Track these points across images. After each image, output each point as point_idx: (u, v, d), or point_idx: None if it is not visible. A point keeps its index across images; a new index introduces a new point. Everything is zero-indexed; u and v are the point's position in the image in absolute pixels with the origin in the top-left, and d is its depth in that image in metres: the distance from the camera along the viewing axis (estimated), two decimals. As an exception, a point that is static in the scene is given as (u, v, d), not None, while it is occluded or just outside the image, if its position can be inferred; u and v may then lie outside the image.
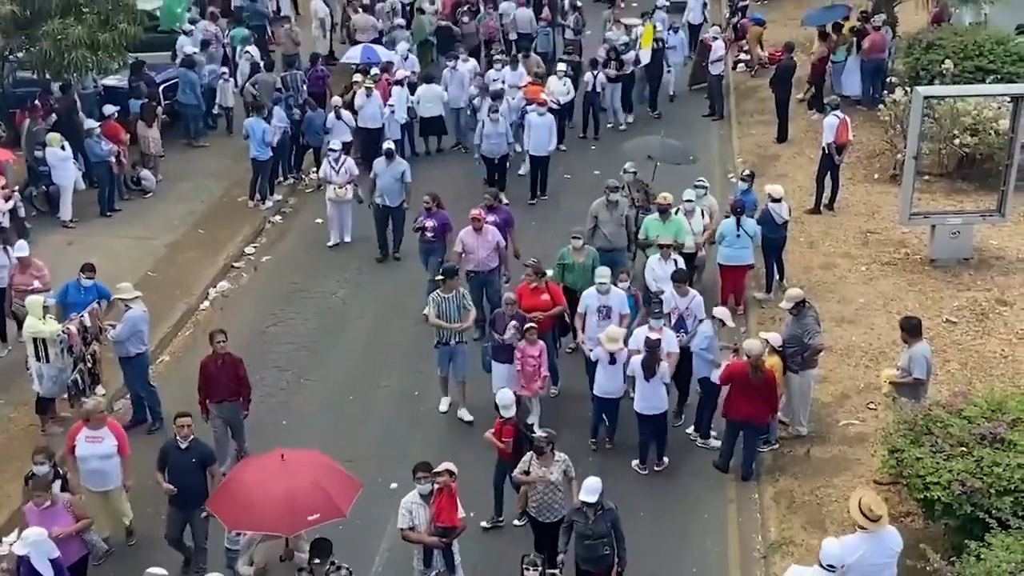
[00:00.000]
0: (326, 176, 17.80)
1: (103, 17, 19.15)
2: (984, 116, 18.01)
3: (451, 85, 21.43)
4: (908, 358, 11.58)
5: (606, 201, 15.06)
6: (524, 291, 13.41)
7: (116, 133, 19.38)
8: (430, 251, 15.69)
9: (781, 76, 21.45)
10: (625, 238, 15.20)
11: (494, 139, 18.85)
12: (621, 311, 13.08)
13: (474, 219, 14.61)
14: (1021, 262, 16.26)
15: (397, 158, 17.30)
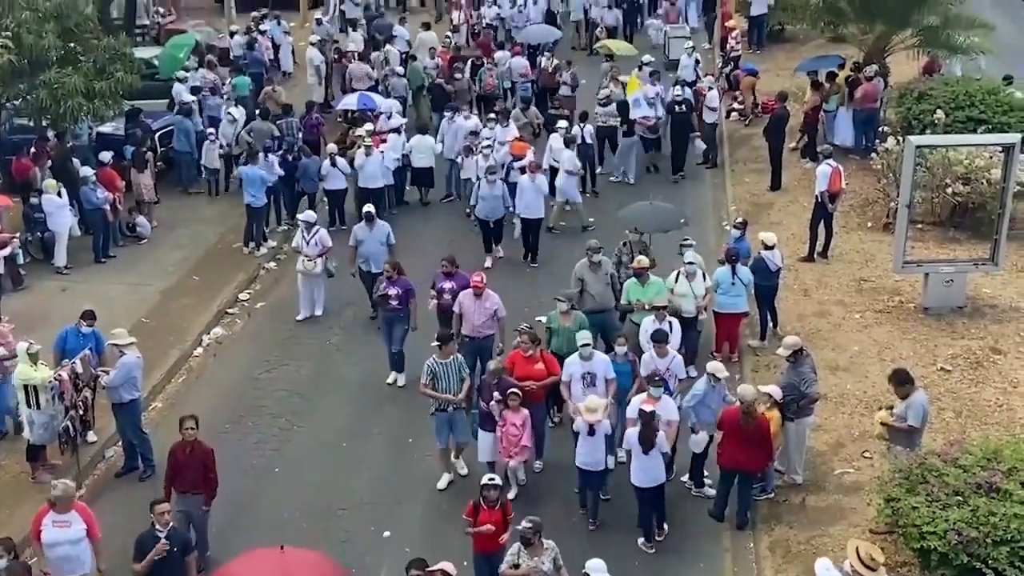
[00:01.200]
0: (297, 246, 17.01)
1: (100, 66, 19.29)
2: (976, 166, 18.12)
3: (447, 136, 21.40)
4: (905, 407, 11.56)
5: (589, 263, 14.85)
6: (517, 359, 12.97)
7: (112, 180, 19.46)
8: (394, 319, 15.01)
9: (775, 125, 21.60)
10: (612, 298, 14.92)
11: (490, 201, 18.43)
12: (607, 377, 12.63)
13: (475, 285, 14.22)
14: (1015, 311, 16.29)
15: (378, 221, 16.72)
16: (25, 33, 18.31)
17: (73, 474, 13.02)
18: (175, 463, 11.48)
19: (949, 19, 23.56)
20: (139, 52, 22.66)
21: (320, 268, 16.93)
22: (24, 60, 18.52)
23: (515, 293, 16.63)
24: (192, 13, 35.21)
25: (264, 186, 19.30)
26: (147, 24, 30.95)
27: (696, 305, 14.72)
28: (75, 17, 19.25)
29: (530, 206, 18.60)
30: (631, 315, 14.65)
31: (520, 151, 19.89)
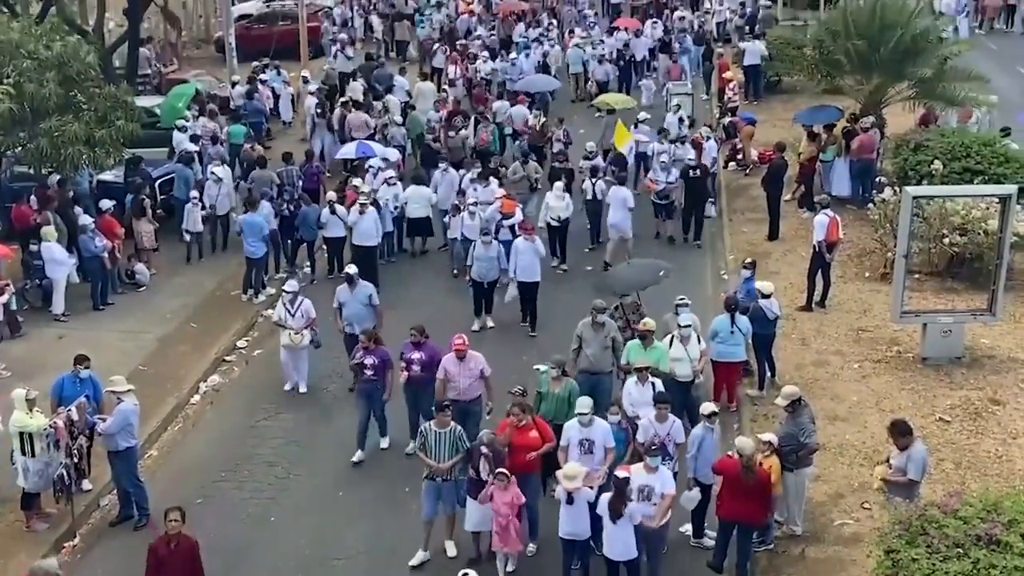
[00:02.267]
0: (280, 319, 16.15)
1: (101, 114, 19.39)
2: (973, 216, 18.19)
3: (441, 186, 21.40)
4: (906, 458, 11.50)
5: (592, 322, 14.49)
6: (509, 427, 12.39)
7: (111, 228, 19.52)
8: (370, 391, 14.44)
9: (773, 175, 21.71)
10: (610, 361, 14.47)
11: (485, 263, 18.06)
12: (606, 444, 12.22)
13: (457, 348, 13.76)
14: (1013, 361, 16.28)
15: (360, 282, 16.16)
16: (26, 82, 18.42)
17: (67, 523, 12.96)
18: (158, 561, 10.61)
19: (944, 71, 23.77)
20: (141, 101, 22.79)
21: (307, 340, 16.15)
22: (25, 108, 18.62)
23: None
24: (194, 63, 35.56)
25: (264, 235, 19.38)
26: (149, 73, 31.16)
27: (692, 368, 14.28)
28: (77, 66, 19.34)
29: (527, 269, 18.04)
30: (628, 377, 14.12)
31: (510, 209, 19.62)
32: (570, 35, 34.54)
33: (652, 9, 39.41)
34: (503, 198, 20.12)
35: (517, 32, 35.79)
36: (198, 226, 21.12)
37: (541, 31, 35.04)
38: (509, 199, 20.26)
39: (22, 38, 19.06)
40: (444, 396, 13.66)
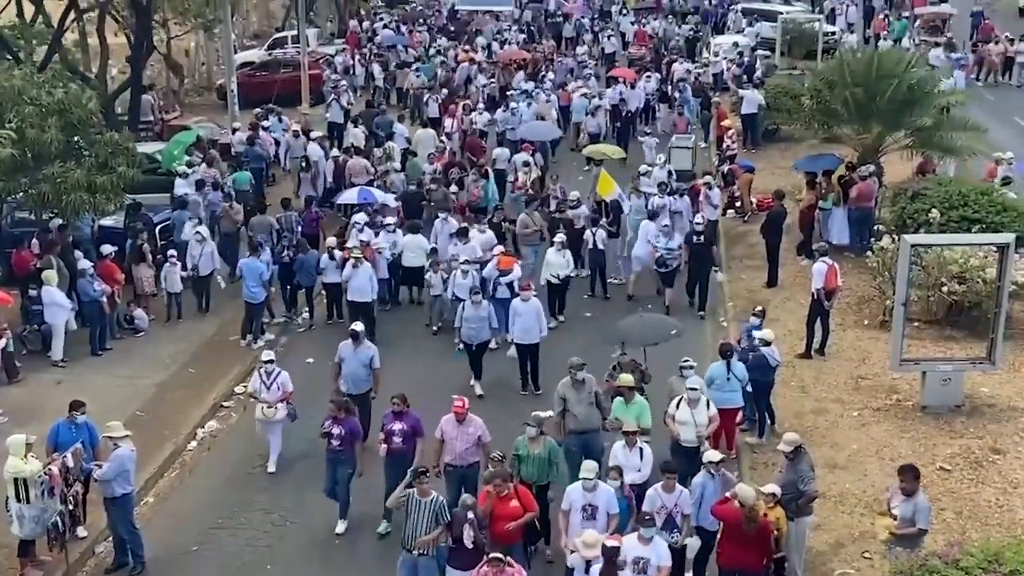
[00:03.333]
0: (255, 391, 15.41)
1: (102, 160, 19.49)
2: (971, 265, 18.22)
3: (441, 236, 21.19)
4: (913, 508, 11.42)
5: (572, 380, 14.05)
6: (491, 497, 11.95)
7: (111, 273, 19.57)
8: (336, 462, 13.82)
9: (771, 222, 21.78)
10: (598, 417, 14.05)
11: (475, 323, 17.41)
12: (609, 511, 11.85)
13: (456, 410, 13.34)
14: (1013, 410, 16.23)
15: (365, 342, 15.72)
16: (28, 127, 18.53)
17: (62, 570, 12.86)
18: None
19: (941, 121, 23.93)
20: (142, 147, 22.90)
21: (282, 414, 15.39)
22: (27, 154, 18.72)
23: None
24: (195, 109, 35.77)
25: (263, 280, 19.43)
26: (151, 120, 31.35)
27: (698, 434, 13.80)
28: (78, 112, 19.47)
29: (527, 331, 17.40)
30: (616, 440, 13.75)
31: (507, 266, 19.15)
32: (562, 88, 34.24)
33: (650, 62, 39.55)
34: (501, 255, 19.65)
35: (517, 80, 35.99)
36: (176, 286, 20.51)
37: (537, 84, 34.89)
38: (507, 255, 19.84)
39: (25, 85, 19.21)
40: (439, 460, 13.32)
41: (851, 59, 26.29)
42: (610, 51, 43.02)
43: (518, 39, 44.08)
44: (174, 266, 20.47)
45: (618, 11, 50.58)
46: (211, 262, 20.80)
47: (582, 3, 52.79)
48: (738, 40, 41.81)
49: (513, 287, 18.74)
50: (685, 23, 46.10)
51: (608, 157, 26.28)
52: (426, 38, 44.64)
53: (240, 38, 44.28)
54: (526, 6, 52.62)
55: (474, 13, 50.28)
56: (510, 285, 18.79)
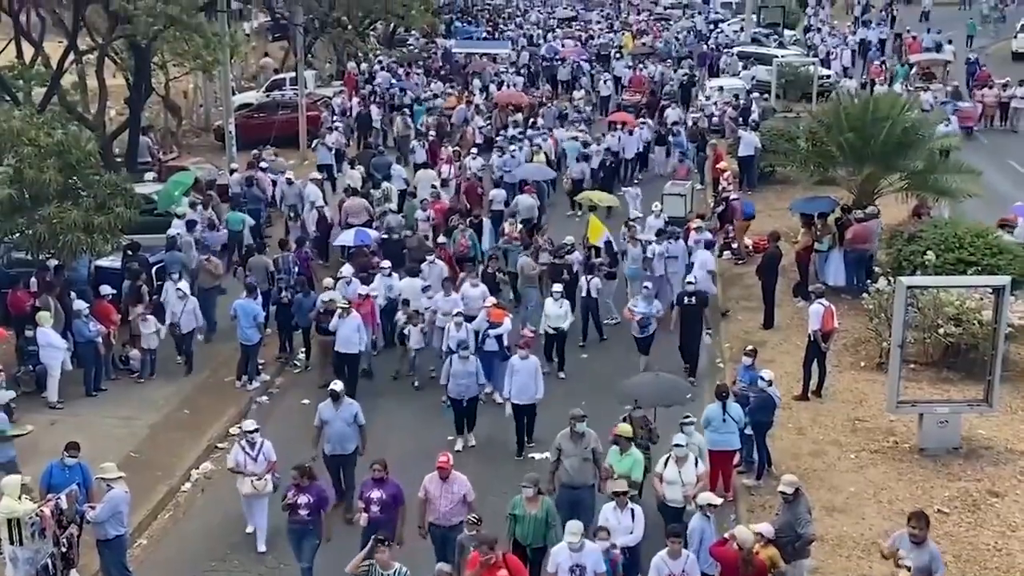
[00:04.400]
0: (238, 464, 14.34)
1: (99, 201, 19.53)
2: (967, 307, 18.24)
3: (431, 278, 20.86)
4: (929, 556, 11.27)
5: (571, 432, 13.73)
6: (477, 564, 11.45)
7: (107, 314, 19.54)
8: (303, 533, 13.26)
9: (767, 264, 21.81)
10: (591, 474, 13.71)
11: (463, 379, 16.73)
12: (596, 570, 11.61)
13: (440, 467, 12.92)
14: (1011, 452, 16.19)
15: (346, 400, 15.01)
16: (27, 168, 18.58)
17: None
18: None
19: (936, 163, 24.04)
20: (139, 188, 22.94)
21: (271, 486, 14.42)
22: (25, 195, 18.75)
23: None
24: (193, 151, 35.90)
25: (258, 321, 19.41)
26: (148, 161, 31.44)
27: (684, 494, 13.37)
28: (77, 153, 19.55)
29: (524, 390, 16.62)
30: (606, 482, 13.60)
31: (498, 318, 18.63)
32: (549, 132, 33.90)
33: (645, 106, 39.58)
34: (492, 306, 19.00)
35: (513, 123, 36.11)
36: (150, 342, 19.64)
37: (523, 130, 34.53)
38: (499, 307, 19.25)
39: (24, 126, 19.30)
40: (423, 519, 13.01)
41: (847, 103, 26.47)
42: (606, 94, 43.18)
43: (515, 82, 44.25)
44: (146, 321, 19.64)
45: (614, 55, 50.77)
46: (193, 319, 19.97)
47: (579, 47, 53.13)
48: (733, 83, 42.05)
49: (502, 340, 18.34)
50: (680, 67, 46.31)
51: (599, 204, 26.09)
52: (422, 81, 44.79)
53: (238, 80, 44.52)
54: (523, 49, 52.98)
55: (471, 56, 50.61)
56: (499, 338, 18.35)
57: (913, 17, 62.11)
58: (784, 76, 41.15)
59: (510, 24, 66.29)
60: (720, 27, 61.06)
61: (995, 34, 53.49)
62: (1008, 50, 51.66)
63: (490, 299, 19.37)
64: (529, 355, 16.87)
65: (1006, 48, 52.23)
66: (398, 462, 14.66)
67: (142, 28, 22.44)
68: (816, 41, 53.04)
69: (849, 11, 70.69)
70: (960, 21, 57.40)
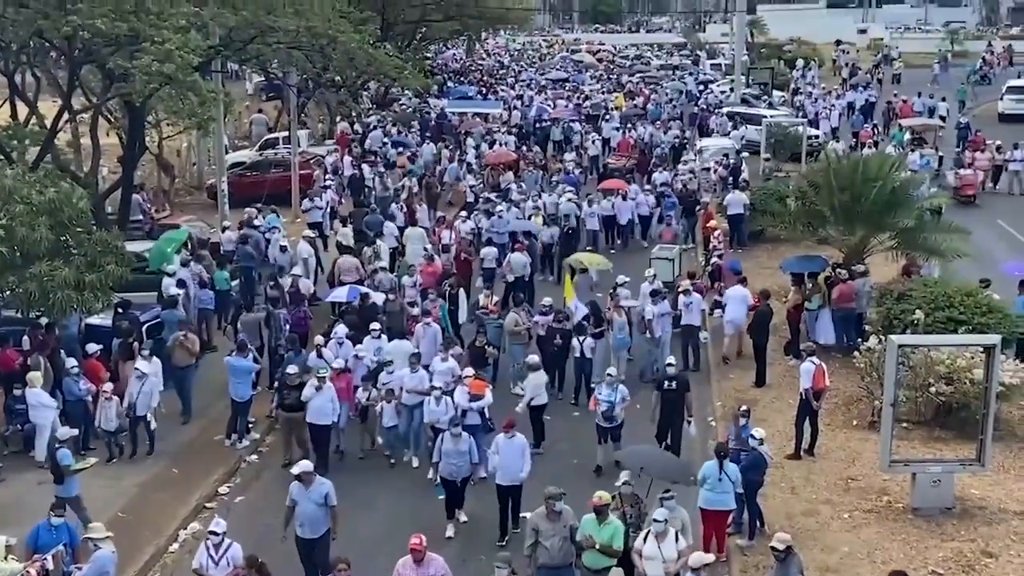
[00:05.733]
0: (202, 566, 13.27)
1: (91, 259, 19.53)
2: (958, 365, 18.27)
3: (424, 341, 20.67)
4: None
5: (547, 512, 13.34)
6: None
7: (96, 372, 19.44)
8: None
9: (758, 322, 21.86)
10: (572, 554, 13.29)
11: (454, 458, 15.97)
12: None
13: (413, 549, 12.55)
14: (1004, 512, 16.12)
15: (317, 479, 14.38)
16: (18, 226, 18.60)
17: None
18: None
19: (925, 223, 24.19)
20: (131, 246, 22.96)
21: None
22: (16, 252, 18.75)
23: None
24: (186, 209, 35.98)
25: (250, 379, 19.35)
26: (140, 219, 31.50)
27: (666, 571, 13.00)
28: (69, 211, 19.57)
29: (509, 470, 15.85)
30: (584, 553, 13.29)
31: (479, 390, 17.94)
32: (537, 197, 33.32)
33: (632, 171, 39.57)
34: (472, 378, 18.27)
35: (504, 181, 36.20)
36: (111, 423, 18.60)
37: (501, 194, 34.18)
38: (479, 379, 18.46)
39: (16, 184, 19.32)
40: None
41: (835, 162, 26.69)
42: (594, 154, 43.10)
43: (506, 141, 44.49)
44: (109, 400, 18.65)
45: (603, 116, 50.76)
46: (149, 401, 18.86)
47: (572, 107, 53.44)
48: (723, 143, 42.35)
49: (484, 414, 17.90)
50: (671, 129, 46.62)
51: (589, 267, 25.82)
52: (415, 140, 45.02)
53: (232, 138, 44.77)
54: (514, 109, 53.33)
55: (463, 115, 50.97)
56: (481, 412, 17.82)
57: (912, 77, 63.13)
58: (773, 136, 41.54)
59: (502, 84, 66.85)
60: (710, 88, 61.64)
61: (975, 97, 54.06)
62: (994, 111, 52.32)
63: (468, 370, 18.66)
64: (515, 433, 16.11)
65: (992, 109, 52.89)
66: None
67: (138, 87, 22.56)
68: (805, 103, 53.51)
69: (836, 73, 71.64)
70: (943, 83, 58.30)
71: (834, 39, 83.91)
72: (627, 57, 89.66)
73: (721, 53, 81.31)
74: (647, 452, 16.05)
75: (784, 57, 74.76)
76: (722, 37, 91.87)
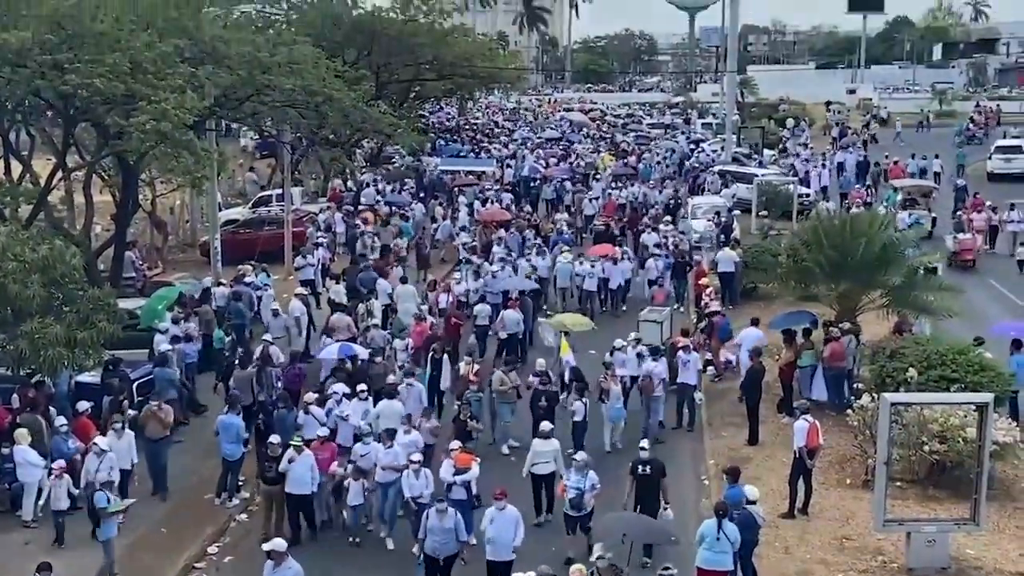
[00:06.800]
0: None
1: (83, 316, 19.50)
2: (951, 424, 18.24)
3: (408, 401, 20.40)
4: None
5: None
6: None
7: (86, 430, 19.30)
8: None
9: (750, 380, 21.85)
10: None
11: (439, 535, 15.34)
12: None
13: None
14: (1000, 572, 16.02)
15: (288, 559, 14.01)
16: (10, 283, 18.59)
17: None
18: None
19: (917, 281, 24.28)
20: (123, 303, 22.93)
21: None
22: (7, 310, 18.71)
23: None
24: (178, 266, 36.03)
25: (241, 437, 19.24)
26: (133, 276, 31.52)
27: None
28: (61, 268, 19.58)
29: (500, 545, 15.31)
30: None
31: (465, 463, 17.24)
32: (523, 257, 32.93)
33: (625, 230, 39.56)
34: (459, 450, 17.59)
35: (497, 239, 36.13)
36: (61, 502, 17.54)
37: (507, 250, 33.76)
38: (466, 452, 17.78)
39: (9, 242, 19.36)
40: None
41: (826, 221, 26.83)
42: (590, 213, 43.06)
43: (500, 198, 44.66)
44: (60, 479, 17.59)
45: (593, 176, 50.50)
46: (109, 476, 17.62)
47: (565, 166, 53.68)
48: (715, 201, 42.55)
49: (470, 488, 17.19)
50: (664, 188, 46.79)
51: (572, 329, 24.81)
52: (407, 198, 45.12)
53: (226, 196, 44.95)
54: (507, 167, 53.56)
55: (456, 173, 51.24)
56: (467, 486, 17.11)
57: (886, 137, 63.67)
58: (764, 194, 41.78)
59: (496, 142, 67.23)
60: (701, 147, 62.10)
61: (956, 157, 54.51)
62: (983, 171, 52.73)
63: (455, 443, 18.06)
64: (506, 504, 15.53)
65: (981, 168, 53.32)
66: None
67: (133, 145, 22.72)
68: (795, 162, 53.87)
69: (827, 132, 72.30)
70: (922, 143, 58.95)
71: (823, 99, 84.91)
72: (619, 116, 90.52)
73: (712, 112, 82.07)
74: (626, 517, 15.81)
75: (775, 117, 75.57)
76: (713, 96, 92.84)
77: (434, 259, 36.08)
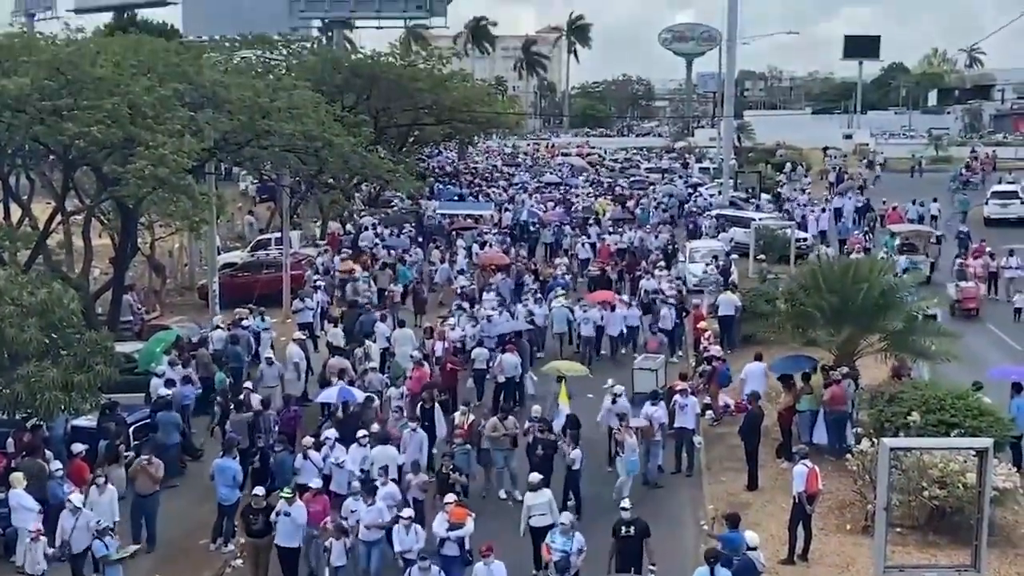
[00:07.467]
0: None
1: (80, 359, 19.46)
2: (951, 469, 18.16)
3: (410, 447, 20.38)
4: None
5: None
6: None
7: (82, 473, 19.21)
8: None
9: (750, 425, 21.77)
10: None
11: None
12: None
13: None
14: (1002, 619, 15.88)
15: None
16: (8, 327, 18.57)
17: None
18: None
19: (915, 326, 24.28)
20: (121, 347, 22.91)
21: None
22: (4, 353, 18.68)
23: None
24: (176, 309, 36.02)
25: (238, 481, 19.13)
26: (131, 320, 31.50)
27: None
28: (59, 312, 19.57)
29: None
30: None
31: (459, 518, 16.74)
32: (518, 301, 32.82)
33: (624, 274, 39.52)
34: (453, 505, 17.08)
35: (496, 281, 36.09)
36: (38, 566, 16.61)
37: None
38: (460, 506, 17.22)
39: (7, 285, 19.36)
40: None
41: (825, 266, 26.88)
42: (584, 257, 42.90)
43: (501, 240, 44.69)
44: (36, 541, 16.65)
45: (590, 221, 50.43)
46: (86, 536, 16.98)
47: (562, 211, 53.82)
48: (713, 245, 42.61)
49: (464, 544, 16.69)
50: (660, 233, 46.89)
51: (567, 375, 24.47)
52: (405, 242, 45.15)
53: (224, 239, 45.03)
54: (505, 210, 53.71)
55: (455, 216, 51.36)
56: (460, 542, 16.65)
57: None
58: (762, 238, 41.88)
59: (494, 186, 67.44)
60: (699, 191, 62.31)
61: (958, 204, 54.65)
62: (980, 215, 52.93)
63: (451, 496, 17.55)
64: (494, 560, 15.35)
65: (978, 213, 53.50)
66: None
67: (132, 190, 22.79)
68: (793, 206, 54.04)
69: (823, 177, 72.62)
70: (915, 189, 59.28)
71: (820, 144, 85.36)
72: (617, 160, 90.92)
73: (709, 157, 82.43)
74: None
75: (772, 161, 75.92)
76: (710, 141, 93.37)
77: (432, 303, 36.04)
